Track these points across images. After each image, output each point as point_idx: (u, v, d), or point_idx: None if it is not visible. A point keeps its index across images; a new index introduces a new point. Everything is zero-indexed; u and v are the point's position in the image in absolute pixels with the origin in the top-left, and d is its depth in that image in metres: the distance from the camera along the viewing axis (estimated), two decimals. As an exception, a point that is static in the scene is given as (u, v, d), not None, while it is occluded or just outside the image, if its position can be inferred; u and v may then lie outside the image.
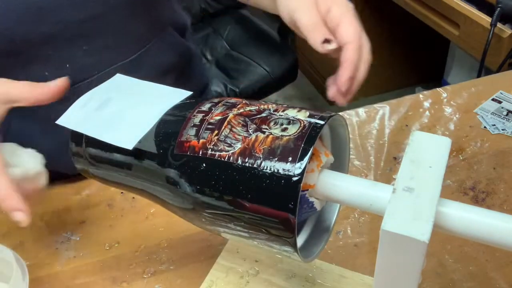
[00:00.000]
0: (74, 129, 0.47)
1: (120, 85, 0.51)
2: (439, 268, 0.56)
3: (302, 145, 0.38)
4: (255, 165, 0.39)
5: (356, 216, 0.62)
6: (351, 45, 0.54)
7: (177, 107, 0.46)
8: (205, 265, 0.56)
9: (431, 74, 1.81)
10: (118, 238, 0.61)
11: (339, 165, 0.48)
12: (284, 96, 2.11)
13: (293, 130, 0.39)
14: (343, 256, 0.57)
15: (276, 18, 0.69)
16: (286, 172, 0.38)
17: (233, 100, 0.44)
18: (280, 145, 0.38)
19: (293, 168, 0.37)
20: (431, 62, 1.80)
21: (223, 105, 0.43)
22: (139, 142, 0.44)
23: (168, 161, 0.43)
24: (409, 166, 0.39)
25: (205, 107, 0.43)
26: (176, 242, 0.60)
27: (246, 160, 0.39)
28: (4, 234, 0.63)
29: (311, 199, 0.43)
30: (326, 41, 0.54)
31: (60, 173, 0.67)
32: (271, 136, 0.39)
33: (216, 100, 0.44)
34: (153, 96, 0.48)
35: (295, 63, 1.38)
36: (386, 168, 0.68)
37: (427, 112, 0.76)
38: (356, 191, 0.41)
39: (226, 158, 0.40)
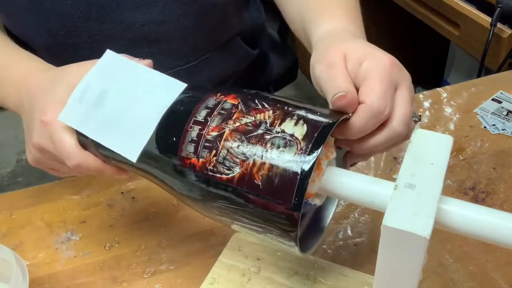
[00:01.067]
0: (76, 128, 0.47)
1: (114, 70, 0.49)
2: (439, 268, 0.56)
3: (299, 177, 0.38)
4: (254, 193, 0.39)
5: (356, 216, 0.62)
6: (364, 106, 0.42)
7: (174, 111, 0.45)
8: (205, 265, 0.56)
9: (431, 74, 1.81)
10: (118, 238, 0.61)
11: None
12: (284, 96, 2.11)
13: (290, 154, 0.39)
14: (343, 256, 0.57)
15: (276, 18, 0.69)
16: (286, 205, 0.38)
17: (229, 103, 0.43)
18: (278, 173, 0.39)
19: (292, 200, 0.38)
20: (431, 62, 1.80)
21: (219, 114, 0.42)
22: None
23: (172, 171, 0.44)
24: (410, 163, 0.40)
25: (201, 116, 0.43)
26: (176, 242, 0.60)
27: (246, 186, 0.40)
28: (4, 234, 0.63)
29: (313, 203, 0.43)
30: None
31: None
32: (268, 161, 0.39)
33: (211, 104, 0.43)
34: (150, 88, 0.47)
35: (295, 63, 1.38)
36: (386, 168, 0.68)
37: (427, 112, 0.76)
38: (358, 188, 0.41)
39: (226, 180, 0.40)
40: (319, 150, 0.38)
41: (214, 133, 0.41)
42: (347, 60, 0.45)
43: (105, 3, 0.65)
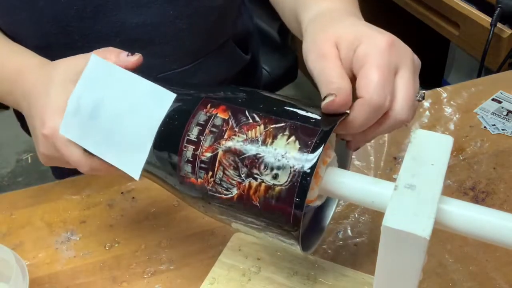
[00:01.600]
0: (76, 142, 0.47)
1: (102, 78, 0.48)
2: (439, 268, 0.56)
3: (295, 200, 0.38)
4: (253, 213, 0.40)
5: (356, 216, 0.62)
6: (362, 101, 0.40)
7: (167, 127, 0.45)
8: (205, 265, 0.56)
9: (431, 74, 1.81)
10: (118, 238, 0.61)
11: (343, 157, 0.48)
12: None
13: (283, 177, 0.39)
14: (343, 256, 0.57)
15: (276, 18, 0.69)
16: (285, 221, 0.39)
17: (219, 118, 0.42)
18: (274, 195, 0.39)
19: (290, 220, 0.39)
20: (431, 62, 1.80)
21: (210, 132, 0.42)
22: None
23: (173, 184, 0.45)
24: (411, 164, 0.40)
25: (193, 134, 0.42)
26: (176, 242, 0.60)
27: (245, 206, 0.40)
28: (4, 234, 0.63)
29: (313, 205, 0.44)
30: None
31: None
32: (263, 184, 0.39)
33: (202, 120, 0.43)
34: (140, 99, 0.47)
35: (295, 63, 1.38)
36: (386, 168, 0.68)
37: (427, 112, 0.76)
38: (358, 188, 0.41)
39: (226, 199, 0.41)
40: (312, 171, 0.38)
41: (208, 154, 0.42)
42: (340, 47, 0.42)
43: (100, 2, 0.64)
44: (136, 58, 0.49)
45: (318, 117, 0.40)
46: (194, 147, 0.42)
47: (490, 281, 0.54)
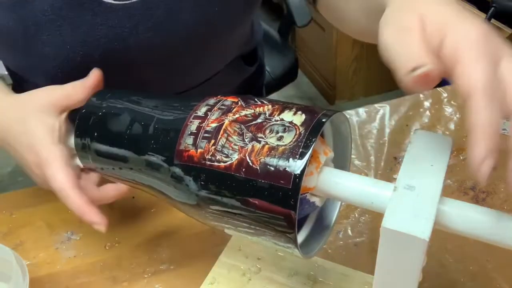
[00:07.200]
0: None
1: None
2: (439, 268, 0.56)
3: (298, 158, 0.38)
4: (252, 177, 0.39)
5: (357, 216, 0.62)
6: (476, 96, 0.33)
7: (173, 107, 0.45)
8: (206, 264, 0.56)
9: (431, 74, 1.81)
10: (118, 238, 0.61)
11: (342, 160, 0.48)
12: (284, 96, 2.11)
13: (288, 139, 0.39)
14: (343, 256, 0.57)
15: (276, 18, 0.69)
16: (284, 186, 0.38)
17: (229, 101, 0.44)
18: (277, 155, 0.39)
19: (291, 178, 0.38)
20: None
21: (219, 109, 0.43)
22: (140, 141, 0.44)
23: (169, 168, 0.44)
24: (410, 165, 0.39)
25: (201, 111, 0.43)
26: (176, 242, 0.60)
27: (244, 171, 0.39)
28: (4, 234, 0.63)
29: (312, 200, 0.43)
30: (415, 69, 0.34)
31: None
32: (267, 146, 0.39)
33: (212, 102, 0.44)
34: None
35: (295, 63, 1.38)
36: (386, 168, 0.68)
37: (427, 112, 0.76)
38: (357, 189, 0.41)
39: (224, 169, 0.40)
40: (318, 135, 0.38)
41: (214, 125, 0.42)
42: (426, 24, 0.36)
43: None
44: (95, 74, 0.53)
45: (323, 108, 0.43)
46: (200, 120, 0.43)
47: (490, 281, 0.54)
